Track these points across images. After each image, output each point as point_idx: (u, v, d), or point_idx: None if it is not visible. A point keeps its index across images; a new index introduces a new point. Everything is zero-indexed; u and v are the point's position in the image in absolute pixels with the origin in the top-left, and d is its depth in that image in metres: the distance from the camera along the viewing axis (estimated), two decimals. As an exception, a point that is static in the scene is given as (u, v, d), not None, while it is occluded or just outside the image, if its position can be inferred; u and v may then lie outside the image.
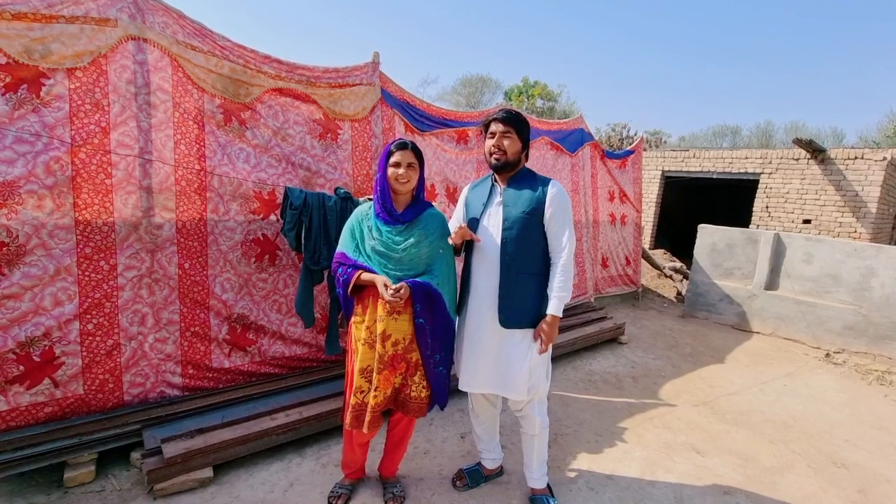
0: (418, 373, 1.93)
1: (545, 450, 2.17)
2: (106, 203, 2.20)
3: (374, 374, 1.85)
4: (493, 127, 1.98)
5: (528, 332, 1.98)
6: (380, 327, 1.83)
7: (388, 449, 2.15)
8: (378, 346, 1.84)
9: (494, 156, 1.99)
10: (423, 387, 1.95)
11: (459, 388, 2.09)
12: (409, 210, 1.91)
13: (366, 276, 1.83)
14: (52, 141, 2.06)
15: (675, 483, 2.40)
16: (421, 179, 1.94)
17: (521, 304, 1.96)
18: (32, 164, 2.02)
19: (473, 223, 2.05)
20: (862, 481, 2.54)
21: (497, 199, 2.02)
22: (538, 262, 1.98)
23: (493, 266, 1.96)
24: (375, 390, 1.84)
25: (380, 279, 1.79)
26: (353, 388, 1.87)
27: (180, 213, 2.42)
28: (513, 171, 2.03)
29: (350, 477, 2.15)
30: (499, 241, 1.96)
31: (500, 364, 1.99)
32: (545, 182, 2.00)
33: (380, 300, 1.83)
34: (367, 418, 1.85)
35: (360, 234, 1.92)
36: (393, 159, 1.85)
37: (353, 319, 1.94)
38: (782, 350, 4.80)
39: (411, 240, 1.87)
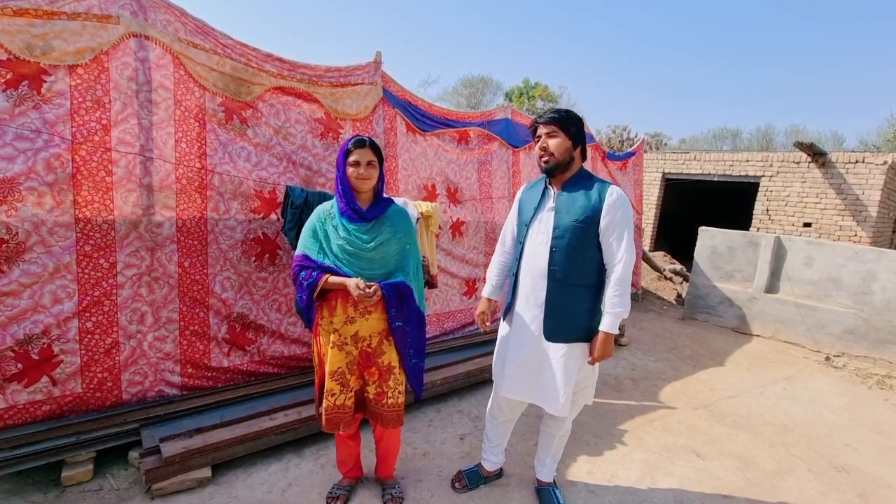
0: (392, 377, 1.89)
1: (561, 450, 2.20)
2: (106, 200, 2.19)
3: (350, 377, 1.84)
4: (539, 130, 1.87)
5: (577, 347, 1.88)
6: (351, 329, 1.81)
7: (379, 457, 2.14)
8: (352, 347, 1.82)
9: (543, 158, 1.87)
10: (399, 392, 1.91)
11: (503, 393, 2.05)
12: (373, 208, 1.85)
13: (334, 279, 1.76)
14: (52, 138, 2.05)
15: (675, 486, 2.39)
16: (381, 176, 1.87)
17: (569, 317, 1.86)
18: (33, 161, 2.01)
19: (523, 230, 1.97)
20: (862, 485, 2.54)
21: (549, 204, 1.90)
22: (592, 275, 1.86)
23: (541, 276, 1.87)
24: (349, 391, 1.85)
25: (351, 281, 1.73)
26: (326, 390, 1.83)
27: (180, 212, 2.41)
28: (567, 174, 1.89)
29: (348, 476, 2.14)
30: (547, 250, 1.85)
31: (544, 377, 1.92)
32: (603, 187, 1.84)
33: (349, 301, 1.79)
34: (346, 419, 1.86)
35: (323, 234, 1.83)
36: (352, 158, 1.78)
37: (319, 323, 1.87)
38: (782, 353, 4.80)
39: (380, 237, 1.82)
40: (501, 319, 2.13)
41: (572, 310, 1.86)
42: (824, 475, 2.61)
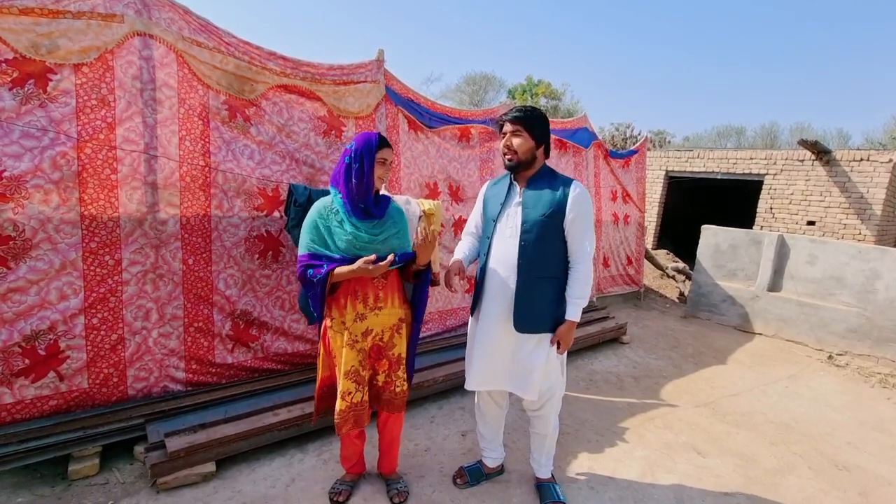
0: (400, 367, 1.95)
1: (553, 446, 2.23)
2: (111, 198, 2.21)
3: (362, 372, 1.87)
4: (504, 127, 1.93)
5: (544, 336, 1.94)
6: (362, 326, 1.84)
7: (383, 448, 2.16)
8: (363, 344, 1.85)
9: (507, 156, 1.93)
10: (404, 380, 1.98)
11: (466, 387, 2.08)
12: (380, 206, 1.89)
13: (342, 269, 1.75)
14: (58, 136, 2.07)
15: (675, 483, 2.40)
16: None
17: (539, 308, 1.91)
18: (39, 159, 2.03)
19: (490, 225, 2.01)
20: (863, 484, 2.54)
21: (516, 199, 1.96)
22: (556, 266, 1.94)
23: (511, 269, 1.91)
24: (363, 387, 1.88)
25: (357, 262, 1.73)
26: (341, 391, 1.86)
27: (185, 209, 2.43)
28: (531, 171, 1.95)
29: (351, 472, 2.16)
30: (517, 243, 1.90)
31: (515, 366, 1.98)
32: (567, 183, 1.92)
33: (357, 298, 1.83)
34: (362, 415, 1.89)
35: (327, 230, 1.82)
36: (381, 155, 1.81)
37: (329, 325, 1.88)
38: (785, 352, 4.79)
39: (387, 234, 1.86)
40: (470, 315, 2.16)
41: (540, 301, 1.92)
42: (825, 473, 2.61)
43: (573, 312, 1.92)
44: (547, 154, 1.99)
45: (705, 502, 2.28)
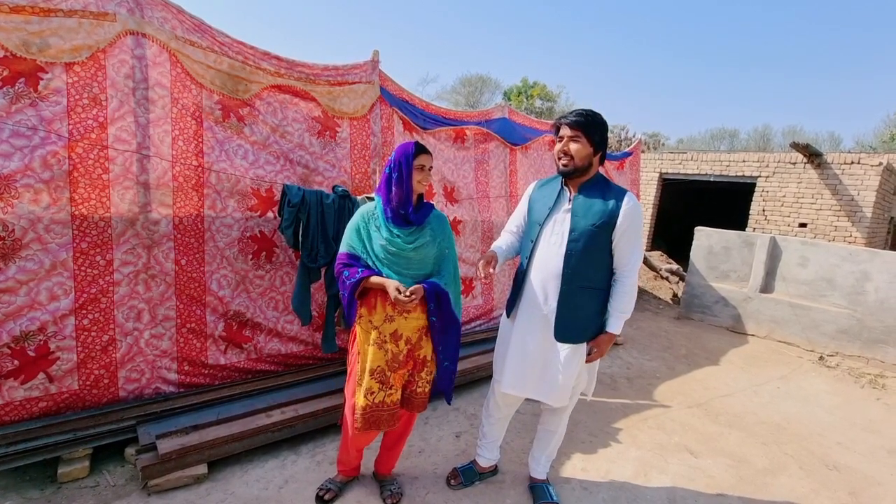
0: (425, 369, 1.96)
1: (556, 449, 2.23)
2: (103, 198, 2.19)
3: (390, 374, 1.86)
4: (562, 130, 1.85)
5: (580, 346, 1.92)
6: (391, 327, 1.84)
7: (386, 445, 2.15)
8: (391, 346, 1.85)
9: (562, 161, 1.85)
10: (427, 382, 1.98)
11: (503, 389, 2.06)
12: (419, 213, 1.88)
13: (375, 279, 1.80)
14: (49, 135, 2.05)
15: (668, 484, 2.41)
16: None
17: (579, 319, 1.89)
18: (29, 159, 2.01)
19: (535, 228, 1.95)
20: (853, 483, 2.57)
21: (565, 206, 1.89)
22: (601, 278, 1.89)
23: (554, 277, 1.87)
24: (390, 388, 1.87)
25: (391, 284, 1.75)
26: (364, 389, 1.85)
27: (177, 209, 2.42)
28: (585, 178, 1.88)
29: (343, 474, 2.16)
30: (563, 252, 1.85)
31: (547, 373, 1.95)
32: (620, 194, 1.84)
33: (388, 300, 1.82)
34: (385, 416, 1.88)
35: (366, 234, 1.87)
36: (418, 162, 1.81)
37: (358, 321, 1.90)
38: (776, 353, 4.83)
39: (421, 241, 1.86)
40: (504, 316, 2.14)
41: (582, 312, 1.89)
42: (816, 473, 2.64)
43: (615, 325, 1.88)
44: (602, 161, 1.92)
45: (698, 502, 2.29)
